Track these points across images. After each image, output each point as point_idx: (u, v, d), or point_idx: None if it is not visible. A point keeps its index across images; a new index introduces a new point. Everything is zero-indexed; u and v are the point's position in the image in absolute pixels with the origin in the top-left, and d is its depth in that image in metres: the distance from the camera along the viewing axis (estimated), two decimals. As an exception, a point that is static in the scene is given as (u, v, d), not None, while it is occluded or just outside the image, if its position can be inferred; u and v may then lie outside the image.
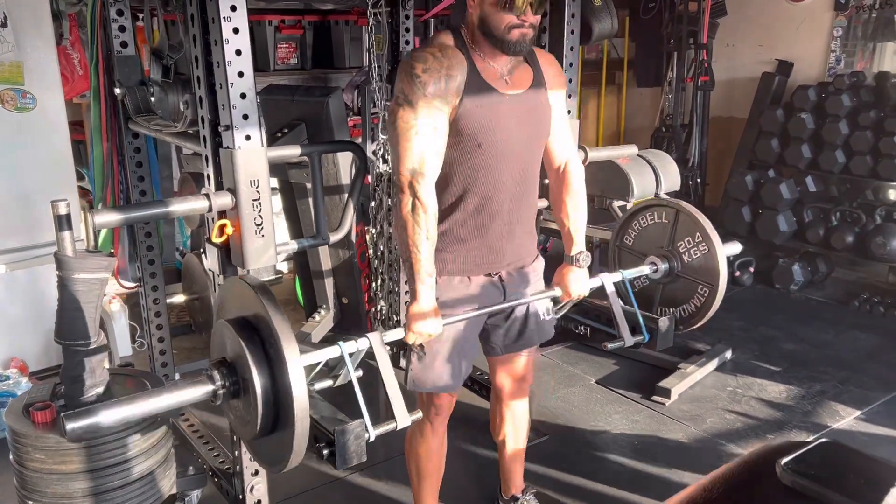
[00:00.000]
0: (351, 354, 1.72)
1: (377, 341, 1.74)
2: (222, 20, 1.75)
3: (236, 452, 2.25)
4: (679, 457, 2.90)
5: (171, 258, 3.17)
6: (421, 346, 1.86)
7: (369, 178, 3.78)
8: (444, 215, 1.89)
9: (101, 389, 2.21)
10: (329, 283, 3.84)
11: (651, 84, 6.05)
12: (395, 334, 1.82)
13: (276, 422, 1.58)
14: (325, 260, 3.79)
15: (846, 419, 3.18)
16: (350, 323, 3.92)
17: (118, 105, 2.61)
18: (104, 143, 2.69)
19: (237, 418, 1.71)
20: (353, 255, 3.72)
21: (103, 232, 2.74)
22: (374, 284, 3.76)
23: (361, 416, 1.70)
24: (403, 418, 1.75)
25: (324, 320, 3.83)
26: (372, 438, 1.69)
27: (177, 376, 2.99)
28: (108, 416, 1.49)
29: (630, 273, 2.31)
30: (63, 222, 2.07)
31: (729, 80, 5.55)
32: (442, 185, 1.86)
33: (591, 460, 2.90)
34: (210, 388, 1.62)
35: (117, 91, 2.49)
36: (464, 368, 2.05)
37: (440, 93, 1.77)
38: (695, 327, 2.97)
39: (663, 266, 2.43)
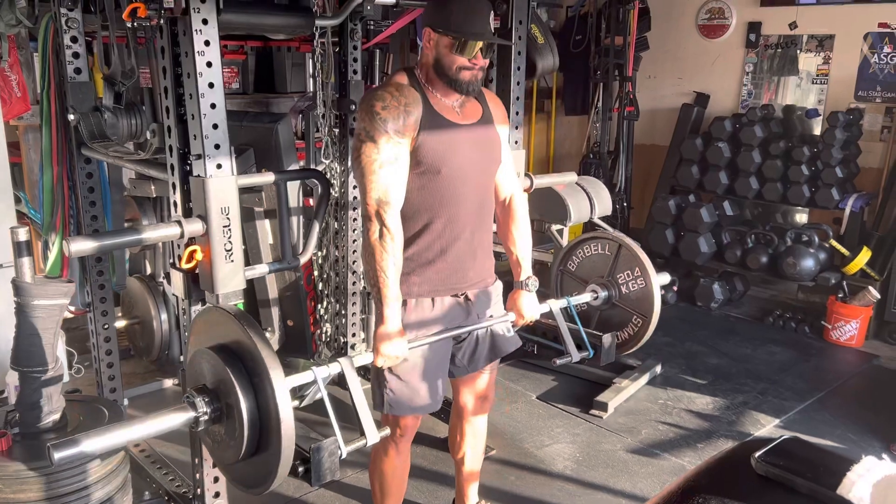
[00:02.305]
0: (324, 378, 1.80)
1: (348, 365, 1.83)
2: (196, 54, 1.81)
3: (198, 475, 2.27)
4: (619, 467, 3.07)
5: (123, 281, 3.13)
6: (390, 369, 1.96)
7: (310, 200, 3.84)
8: (410, 241, 2.01)
9: (57, 416, 2.20)
10: (274, 306, 3.85)
11: (579, 113, 6.32)
12: (365, 358, 1.91)
13: (259, 444, 1.64)
14: (271, 282, 3.81)
15: (767, 426, 3.44)
16: (295, 346, 3.94)
17: (69, 130, 2.60)
18: (54, 168, 2.67)
19: (217, 443, 1.75)
20: (299, 277, 3.75)
21: (52, 256, 2.71)
22: (320, 307, 3.81)
23: (329, 436, 1.77)
24: (373, 435, 1.83)
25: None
26: (344, 455, 1.77)
27: (125, 401, 2.96)
28: (94, 445, 1.52)
29: (574, 300, 2.49)
30: (22, 249, 2.06)
31: (651, 109, 5.88)
32: (407, 212, 1.98)
33: (537, 473, 3.03)
34: (192, 414, 1.67)
35: (71, 117, 2.49)
36: (441, 388, 2.14)
37: (399, 127, 1.91)
38: (627, 353, 3.18)
39: (603, 294, 2.62)
